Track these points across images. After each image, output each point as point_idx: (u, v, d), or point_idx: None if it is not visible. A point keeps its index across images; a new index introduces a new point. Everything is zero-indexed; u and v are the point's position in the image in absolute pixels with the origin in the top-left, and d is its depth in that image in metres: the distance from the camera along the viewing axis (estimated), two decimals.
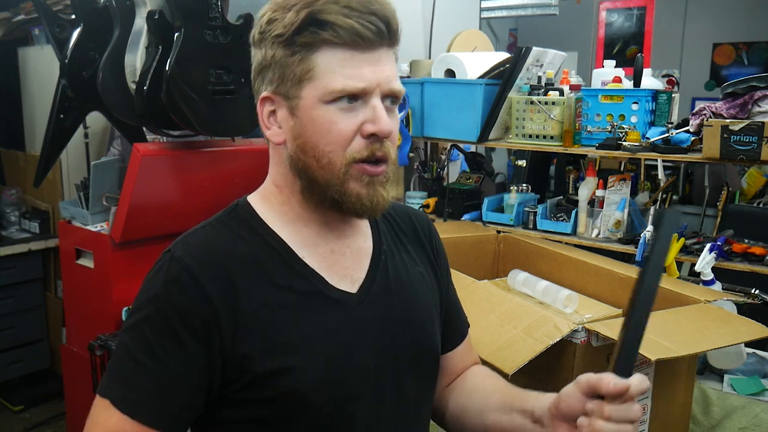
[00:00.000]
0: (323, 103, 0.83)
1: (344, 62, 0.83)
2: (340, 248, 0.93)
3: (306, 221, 0.91)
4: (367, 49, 0.83)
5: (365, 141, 0.84)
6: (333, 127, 0.83)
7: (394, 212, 1.05)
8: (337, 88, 0.82)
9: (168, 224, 2.33)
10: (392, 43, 0.87)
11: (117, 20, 2.09)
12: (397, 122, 0.90)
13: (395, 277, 0.97)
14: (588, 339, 1.38)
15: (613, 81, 2.27)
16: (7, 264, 3.14)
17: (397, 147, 0.96)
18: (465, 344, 1.11)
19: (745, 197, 3.78)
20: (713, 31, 5.49)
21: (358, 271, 0.94)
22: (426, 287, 1.02)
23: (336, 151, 0.84)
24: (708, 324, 1.41)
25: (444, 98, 2.42)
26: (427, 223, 1.10)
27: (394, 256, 0.99)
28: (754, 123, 1.77)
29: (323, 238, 0.92)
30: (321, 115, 0.84)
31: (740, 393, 1.70)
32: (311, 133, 0.85)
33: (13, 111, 3.44)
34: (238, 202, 0.95)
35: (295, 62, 0.84)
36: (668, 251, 0.90)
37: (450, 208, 2.50)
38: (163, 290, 0.83)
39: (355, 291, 0.92)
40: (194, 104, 2.03)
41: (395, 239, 1.02)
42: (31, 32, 3.35)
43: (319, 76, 0.83)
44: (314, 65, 0.83)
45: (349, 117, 0.84)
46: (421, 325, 0.98)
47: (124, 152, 2.98)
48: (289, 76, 0.85)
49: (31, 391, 3.28)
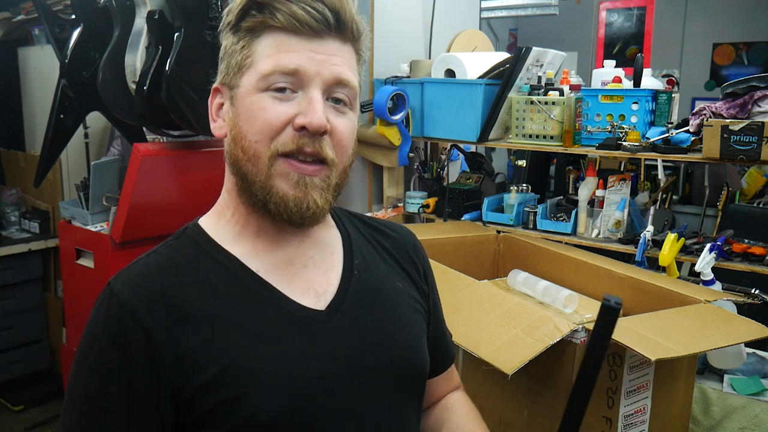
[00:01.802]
0: (257, 91, 0.78)
1: (281, 46, 0.78)
2: (301, 260, 0.86)
3: (256, 231, 0.84)
4: (311, 36, 0.78)
5: (295, 134, 0.77)
6: (261, 115, 0.78)
7: (377, 226, 1.00)
8: (268, 69, 0.77)
9: (168, 224, 2.32)
10: (345, 36, 0.81)
11: (117, 20, 2.10)
12: (348, 125, 0.82)
13: (372, 293, 0.89)
14: (588, 339, 1.37)
15: (613, 81, 2.27)
16: (7, 264, 3.14)
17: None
18: (448, 373, 1.07)
19: (745, 197, 3.78)
20: (713, 31, 5.49)
21: (324, 284, 0.86)
22: (409, 304, 0.94)
23: (262, 141, 0.78)
24: (708, 324, 1.41)
25: (444, 98, 2.42)
26: (413, 242, 1.02)
27: (371, 270, 0.92)
28: (754, 123, 1.77)
29: (279, 248, 0.85)
30: (253, 102, 0.78)
31: (740, 393, 1.70)
32: (242, 122, 0.79)
33: (13, 111, 3.44)
34: (188, 225, 0.89)
35: (238, 50, 0.80)
36: (608, 347, 0.79)
37: (450, 208, 2.50)
38: (102, 330, 0.77)
39: (323, 308, 0.84)
40: (194, 104, 2.03)
41: (373, 253, 0.95)
42: (31, 32, 3.35)
43: (257, 62, 0.79)
44: (254, 51, 0.79)
45: (281, 106, 0.78)
46: (404, 342, 0.89)
47: (124, 152, 2.98)
48: (232, 64, 0.81)
49: (31, 391, 3.28)
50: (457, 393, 1.09)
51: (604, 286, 1.79)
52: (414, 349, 0.91)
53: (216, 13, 2.05)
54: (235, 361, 0.76)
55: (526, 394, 1.48)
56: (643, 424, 1.49)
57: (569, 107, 2.14)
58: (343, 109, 0.82)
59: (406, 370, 0.89)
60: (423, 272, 1.00)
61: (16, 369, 3.27)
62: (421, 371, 0.92)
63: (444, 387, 1.06)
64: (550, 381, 1.43)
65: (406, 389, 0.90)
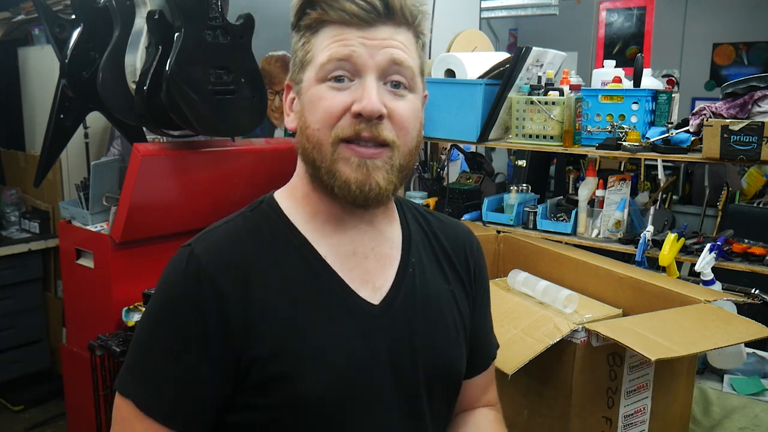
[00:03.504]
0: (317, 82, 0.82)
1: (335, 37, 0.81)
2: (364, 251, 0.89)
3: (326, 217, 0.88)
4: (363, 26, 0.81)
5: (353, 120, 0.80)
6: (321, 104, 0.81)
7: (437, 224, 1.01)
8: (324, 59, 0.81)
9: (168, 224, 2.33)
10: (398, 21, 0.83)
11: (117, 20, 2.09)
12: (408, 106, 0.84)
13: (422, 293, 0.91)
14: (588, 339, 1.38)
15: (613, 81, 2.27)
16: (7, 264, 3.14)
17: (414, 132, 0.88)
18: (482, 379, 1.04)
19: (745, 197, 3.78)
20: (713, 31, 5.49)
21: (381, 278, 0.89)
22: (454, 308, 0.96)
23: (323, 129, 0.81)
24: (708, 324, 1.41)
25: (444, 98, 2.42)
26: (471, 242, 1.03)
27: (425, 270, 0.94)
28: (754, 123, 1.77)
29: (347, 237, 0.88)
30: (314, 93, 0.82)
31: (740, 393, 1.70)
32: (306, 113, 0.84)
33: (13, 111, 3.44)
34: (264, 197, 0.92)
35: (300, 47, 0.85)
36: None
37: (450, 208, 2.50)
38: (182, 288, 0.81)
39: (377, 302, 0.87)
40: (194, 104, 2.03)
41: (429, 252, 0.97)
42: (31, 32, 3.35)
43: (315, 56, 0.83)
44: (313, 46, 0.83)
45: (338, 94, 0.81)
46: (444, 347, 0.93)
47: (124, 152, 2.98)
48: (297, 61, 0.86)
49: (31, 391, 3.28)
50: (491, 412, 1.06)
51: (604, 286, 1.79)
52: (452, 353, 0.94)
53: (216, 13, 2.05)
54: (292, 340, 0.81)
55: (526, 394, 1.48)
56: (643, 424, 1.49)
57: (569, 107, 2.14)
58: (401, 92, 0.84)
59: (440, 372, 0.92)
60: (474, 274, 1.02)
61: (16, 369, 3.27)
62: (455, 375, 0.95)
63: (477, 395, 1.05)
64: (550, 381, 1.43)
65: (439, 390, 0.93)
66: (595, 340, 1.38)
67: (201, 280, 0.80)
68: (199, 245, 0.83)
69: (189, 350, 0.80)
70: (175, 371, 0.80)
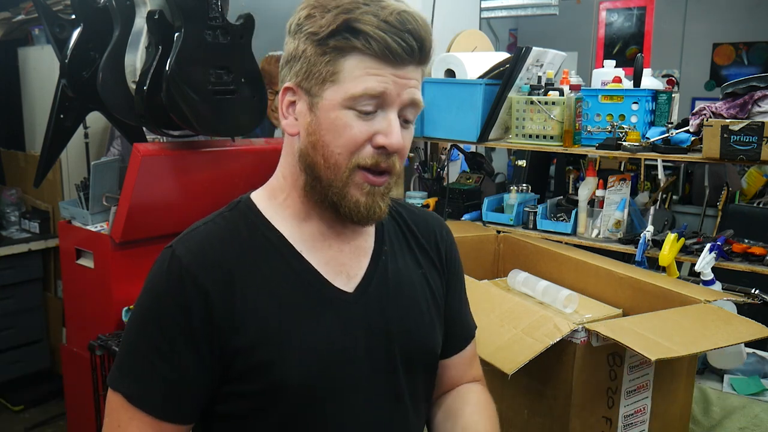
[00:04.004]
0: (343, 107, 0.85)
1: (370, 70, 0.84)
2: (339, 245, 0.95)
3: (305, 216, 0.93)
4: (396, 63, 0.85)
5: (374, 151, 0.86)
6: (347, 131, 0.85)
7: (408, 213, 1.07)
8: (358, 91, 0.84)
9: (168, 224, 2.32)
10: (422, 61, 0.88)
11: (117, 20, 2.09)
12: (411, 139, 0.92)
13: (395, 279, 0.97)
14: (588, 339, 1.38)
15: (613, 81, 2.27)
16: (7, 264, 3.14)
17: None
18: (463, 356, 1.10)
19: (745, 197, 3.78)
20: (713, 31, 5.49)
21: (355, 268, 0.95)
22: (427, 291, 1.02)
23: (344, 154, 0.86)
24: (708, 324, 1.41)
25: (444, 98, 2.42)
26: (441, 228, 1.10)
27: (396, 257, 1.00)
28: (754, 123, 1.77)
29: (322, 234, 0.94)
30: (338, 117, 0.85)
31: (740, 393, 1.70)
32: (325, 133, 0.86)
33: (13, 111, 3.44)
34: (241, 198, 0.97)
35: (323, 62, 0.86)
36: None
37: (450, 208, 2.50)
38: (166, 288, 0.86)
39: (351, 290, 0.93)
40: (194, 104, 2.03)
41: (401, 240, 1.03)
42: (31, 32, 3.35)
43: (343, 80, 0.85)
44: (341, 69, 0.85)
45: (364, 124, 0.86)
46: (419, 330, 0.99)
47: (124, 152, 2.98)
48: (315, 74, 0.87)
49: (31, 391, 3.28)
50: (475, 384, 1.11)
51: (604, 286, 1.79)
52: (427, 335, 1.00)
53: (216, 13, 2.05)
54: (271, 330, 0.86)
55: (526, 394, 1.48)
56: (643, 424, 1.49)
57: (569, 107, 2.14)
58: (408, 125, 0.91)
59: (417, 355, 0.98)
60: (446, 257, 1.08)
61: (16, 369, 3.27)
62: (431, 357, 1.01)
63: (461, 373, 1.10)
64: (550, 381, 1.43)
65: (418, 372, 0.99)
66: (595, 340, 1.38)
67: (183, 279, 0.85)
68: (180, 246, 0.88)
69: (175, 347, 0.85)
70: (163, 368, 0.85)
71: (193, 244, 0.89)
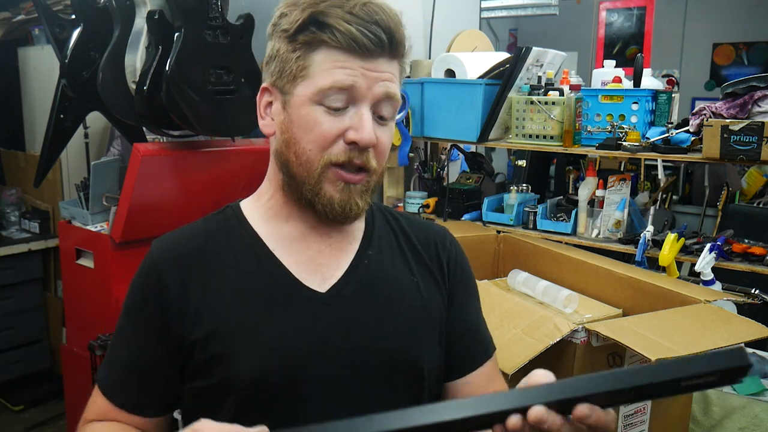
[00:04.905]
0: (312, 103, 0.84)
1: (338, 63, 0.83)
2: (319, 245, 0.93)
3: (287, 217, 0.93)
4: (365, 56, 0.83)
5: (346, 147, 0.85)
6: (316, 127, 0.84)
7: (406, 222, 1.03)
8: (326, 85, 0.83)
9: (168, 224, 2.31)
10: (394, 54, 0.87)
11: (117, 20, 2.09)
12: (389, 136, 0.90)
13: (378, 284, 0.93)
14: (588, 339, 1.38)
15: (613, 81, 2.27)
16: (7, 264, 3.14)
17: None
18: (478, 376, 1.00)
19: (745, 197, 3.78)
20: (713, 31, 5.49)
21: (333, 269, 0.93)
22: (418, 299, 0.96)
23: (315, 150, 0.85)
24: (708, 324, 1.41)
25: (444, 98, 2.42)
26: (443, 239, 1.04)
27: (383, 261, 0.96)
28: (754, 123, 1.77)
29: (303, 234, 0.93)
30: (308, 113, 0.85)
31: (740, 393, 1.70)
32: (296, 129, 0.86)
33: (13, 111, 3.44)
34: (230, 204, 0.99)
35: (293, 59, 0.85)
36: None
37: (450, 208, 2.50)
38: (138, 280, 0.93)
39: (324, 290, 0.91)
40: (194, 104, 2.03)
41: (394, 246, 0.99)
42: (31, 32, 3.35)
43: (312, 75, 0.84)
44: (310, 64, 0.84)
45: (334, 120, 0.84)
46: (401, 335, 0.92)
47: (124, 152, 2.98)
48: (287, 71, 0.86)
49: (31, 391, 3.28)
50: None
51: (604, 286, 1.79)
52: (410, 341, 0.93)
53: (216, 13, 2.05)
54: (226, 324, 0.88)
55: None
56: (643, 424, 1.49)
57: (569, 107, 2.14)
58: (385, 122, 0.89)
59: (398, 362, 0.92)
60: (447, 267, 1.01)
61: (16, 369, 3.27)
62: (415, 365, 0.93)
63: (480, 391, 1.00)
64: None
65: (401, 380, 0.92)
66: (595, 340, 1.38)
67: (150, 274, 0.91)
68: (157, 243, 0.94)
69: (138, 337, 0.91)
70: (125, 355, 0.92)
71: (167, 242, 0.94)
